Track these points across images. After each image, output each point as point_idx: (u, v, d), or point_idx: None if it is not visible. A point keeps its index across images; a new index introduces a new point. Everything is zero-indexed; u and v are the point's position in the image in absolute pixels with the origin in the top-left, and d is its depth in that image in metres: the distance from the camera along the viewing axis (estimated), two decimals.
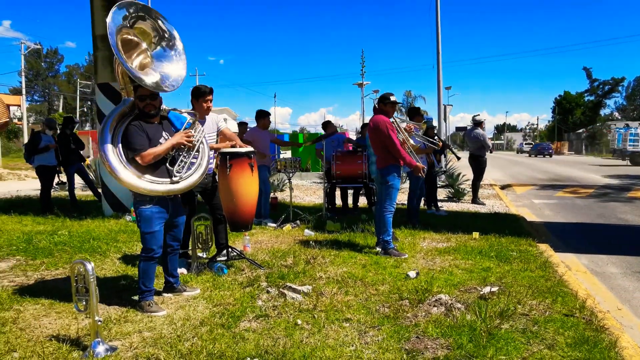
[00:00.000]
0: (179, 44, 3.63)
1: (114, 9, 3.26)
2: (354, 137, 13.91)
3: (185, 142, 3.46)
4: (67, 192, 10.54)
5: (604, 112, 65.83)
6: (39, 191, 8.55)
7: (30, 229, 6.70)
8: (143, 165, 3.28)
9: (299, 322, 3.15)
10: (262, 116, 7.05)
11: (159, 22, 3.57)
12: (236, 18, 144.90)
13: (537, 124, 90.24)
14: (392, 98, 5.17)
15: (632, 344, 2.95)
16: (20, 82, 42.41)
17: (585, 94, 66.10)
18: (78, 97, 54.00)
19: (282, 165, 7.17)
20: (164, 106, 3.53)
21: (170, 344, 2.84)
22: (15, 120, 43.51)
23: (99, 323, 2.76)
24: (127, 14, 3.39)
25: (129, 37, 3.42)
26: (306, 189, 12.41)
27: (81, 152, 8.86)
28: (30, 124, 43.23)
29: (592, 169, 22.66)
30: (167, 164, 3.41)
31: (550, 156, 42.58)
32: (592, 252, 5.70)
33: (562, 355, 2.70)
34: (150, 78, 3.40)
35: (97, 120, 8.06)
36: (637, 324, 3.52)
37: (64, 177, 9.38)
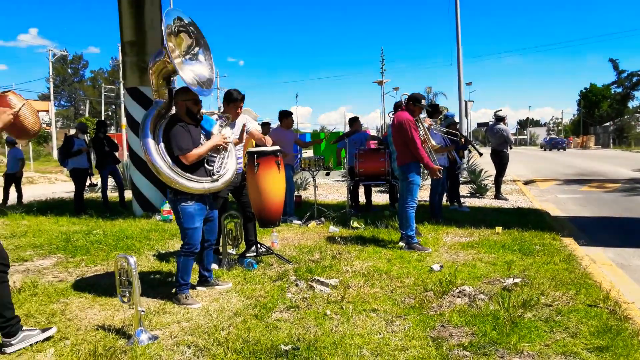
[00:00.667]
0: (201, 56, 3.76)
1: (169, 10, 3.46)
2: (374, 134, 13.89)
3: (223, 144, 3.68)
4: (97, 194, 10.96)
5: (632, 104, 64.01)
6: (73, 193, 8.92)
7: (67, 228, 7.02)
8: (184, 165, 3.48)
9: (328, 312, 3.29)
10: (285, 116, 7.23)
11: (198, 47, 3.70)
12: (254, 19, 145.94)
13: (562, 118, 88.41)
14: (423, 102, 5.28)
15: None
16: (48, 89, 43.86)
17: (612, 86, 64.38)
18: (103, 101, 55.24)
19: (306, 164, 7.33)
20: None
21: (207, 332, 3.02)
22: (44, 125, 44.96)
23: (142, 313, 2.95)
24: (180, 16, 3.55)
25: (170, 44, 3.59)
26: (329, 187, 12.55)
27: (116, 153, 9.18)
28: (58, 129, 44.56)
29: (620, 162, 22.16)
30: (205, 164, 3.62)
31: (564, 150, 44.35)
32: (617, 246, 5.68)
33: (585, 342, 2.78)
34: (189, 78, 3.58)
35: (127, 122, 8.35)
36: None
37: (94, 179, 9.76)
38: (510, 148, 9.66)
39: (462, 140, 7.72)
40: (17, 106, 2.69)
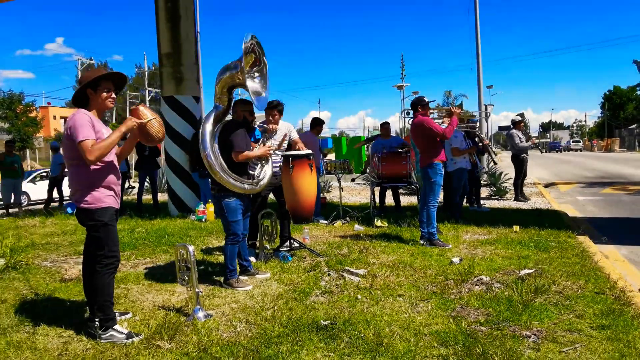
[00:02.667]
0: (257, 78, 4.23)
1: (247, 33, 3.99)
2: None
3: (267, 155, 4.25)
4: (131, 196, 11.59)
5: None
6: None
7: None
8: (233, 166, 3.98)
9: (359, 297, 3.72)
10: (319, 124, 7.75)
11: (258, 72, 4.17)
12: (273, 25, 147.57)
13: (585, 121, 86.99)
14: (426, 100, 5.73)
15: None
16: None
17: (638, 88, 63.19)
18: (128, 108, 56.79)
19: (332, 166, 7.77)
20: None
21: (255, 311, 3.48)
22: None
23: (200, 293, 3.43)
24: (256, 37, 4.05)
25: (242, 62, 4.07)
26: (351, 190, 12.95)
27: (158, 158, 9.78)
28: None
29: None
30: (249, 169, 4.14)
31: (561, 152, 52.46)
32: (632, 244, 5.93)
33: (589, 322, 3.13)
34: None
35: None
36: None
37: (131, 182, 10.38)
38: (542, 152, 9.94)
39: (480, 144, 8.05)
40: (146, 117, 3.14)
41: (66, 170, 7.12)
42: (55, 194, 11.51)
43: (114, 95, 3.20)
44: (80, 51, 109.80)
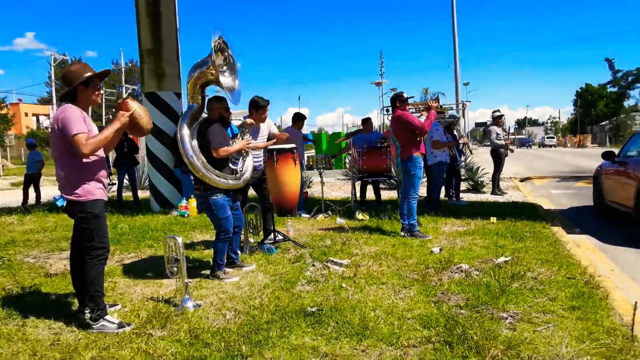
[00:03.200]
0: (227, 73, 4.28)
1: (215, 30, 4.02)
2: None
3: (247, 149, 4.28)
4: (111, 193, 11.47)
5: (627, 103, 64.59)
6: None
7: None
8: (214, 163, 4.02)
9: (344, 285, 3.84)
10: (300, 118, 7.81)
11: (227, 66, 4.23)
12: (251, 21, 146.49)
13: (559, 117, 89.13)
14: (405, 95, 5.87)
15: (622, 297, 3.56)
16: (47, 93, 44.47)
17: (608, 86, 65.02)
18: (104, 105, 55.70)
19: (314, 161, 7.87)
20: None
21: (243, 301, 3.57)
22: (44, 129, 45.61)
23: (189, 284, 3.49)
24: (222, 36, 4.09)
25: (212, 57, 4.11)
26: (331, 185, 13.09)
27: (136, 155, 9.71)
28: None
29: None
30: (230, 165, 4.18)
31: (530, 147, 57.41)
32: (603, 233, 6.20)
33: (561, 304, 3.32)
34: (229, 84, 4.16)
35: None
36: (632, 286, 4.09)
37: (112, 179, 10.28)
38: (511, 151, 10.17)
39: (461, 139, 8.28)
40: (133, 109, 3.17)
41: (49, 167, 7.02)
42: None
43: (102, 92, 3.26)
44: (51, 46, 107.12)
